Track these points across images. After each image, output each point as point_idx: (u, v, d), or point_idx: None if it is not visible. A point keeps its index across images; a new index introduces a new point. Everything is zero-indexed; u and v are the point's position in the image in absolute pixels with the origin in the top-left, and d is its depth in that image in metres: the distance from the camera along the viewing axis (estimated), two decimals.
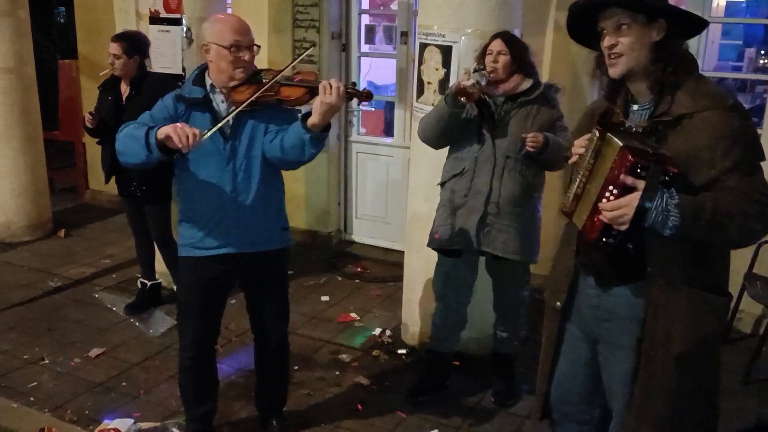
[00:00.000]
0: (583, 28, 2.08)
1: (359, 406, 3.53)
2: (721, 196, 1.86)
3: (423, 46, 3.76)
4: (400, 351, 4.11)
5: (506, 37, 3.24)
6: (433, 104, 3.69)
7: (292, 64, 2.79)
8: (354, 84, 2.61)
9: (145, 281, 4.60)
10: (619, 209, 1.83)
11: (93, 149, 6.69)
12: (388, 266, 5.42)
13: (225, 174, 2.74)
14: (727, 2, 7.04)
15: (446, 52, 3.65)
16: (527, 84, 3.24)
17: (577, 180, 2.01)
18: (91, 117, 4.16)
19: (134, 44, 4.19)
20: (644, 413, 2.07)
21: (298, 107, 2.72)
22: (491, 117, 3.24)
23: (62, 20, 10.33)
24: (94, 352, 4.04)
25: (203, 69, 2.79)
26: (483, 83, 3.05)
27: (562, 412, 2.43)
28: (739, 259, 4.17)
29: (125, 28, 6.35)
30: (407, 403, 3.56)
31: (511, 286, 3.48)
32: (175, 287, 4.49)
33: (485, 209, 3.24)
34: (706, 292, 1.99)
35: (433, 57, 3.71)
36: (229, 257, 2.84)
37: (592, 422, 2.38)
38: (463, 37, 3.58)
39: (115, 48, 4.13)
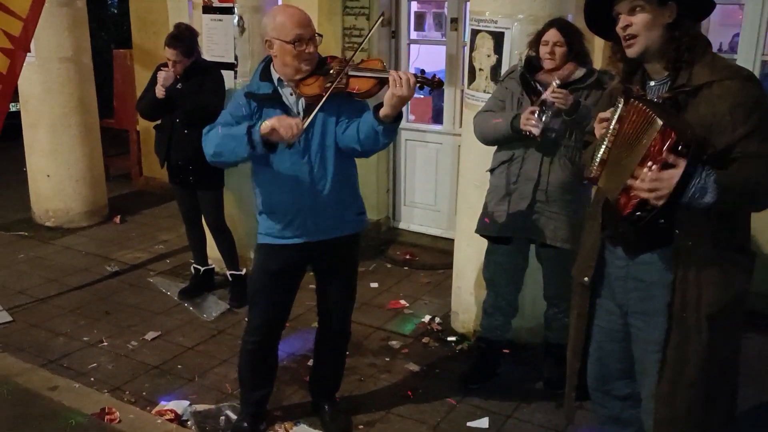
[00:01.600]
0: (599, 19, 2.19)
1: (409, 393, 3.55)
2: (747, 167, 1.97)
3: (474, 33, 3.73)
4: (449, 338, 4.11)
5: (561, 25, 3.19)
6: (485, 91, 3.67)
7: (359, 49, 2.79)
8: (423, 72, 2.61)
9: (199, 267, 4.69)
10: (659, 180, 1.91)
11: (147, 137, 6.84)
12: (437, 254, 5.41)
13: (301, 166, 2.78)
14: None
15: (498, 38, 3.61)
16: (580, 72, 3.19)
17: (603, 146, 2.10)
18: (166, 74, 4.12)
19: (188, 44, 4.19)
20: (679, 377, 2.11)
21: (368, 98, 2.74)
22: (542, 104, 3.20)
23: (116, 10, 10.56)
24: (150, 335, 4.14)
25: (268, 63, 2.81)
26: (548, 118, 3.04)
27: (603, 390, 2.46)
28: None
29: (178, 17, 6.50)
30: (458, 390, 3.56)
31: (561, 274, 3.43)
32: (228, 273, 4.58)
33: (534, 196, 3.22)
34: (733, 252, 2.09)
35: (485, 43, 3.67)
36: (307, 245, 2.90)
37: (634, 397, 2.42)
38: (515, 23, 3.54)
39: (173, 54, 4.14)
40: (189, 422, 3.31)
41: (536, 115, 3.03)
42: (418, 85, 2.54)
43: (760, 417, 3.35)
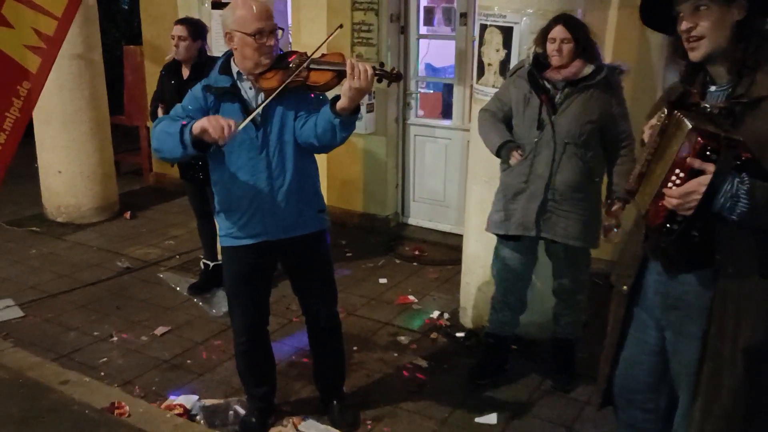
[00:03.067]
0: (655, 12, 2.03)
1: (421, 375, 3.55)
2: None
3: (483, 27, 3.72)
4: (458, 334, 4.11)
5: (567, 21, 3.15)
6: (493, 86, 3.67)
7: (319, 47, 2.67)
8: (382, 64, 2.55)
9: (208, 262, 4.71)
10: (686, 192, 1.79)
11: None
12: (446, 249, 5.40)
13: (259, 162, 2.74)
14: None
15: (507, 33, 3.60)
16: (589, 69, 3.16)
17: (642, 158, 1.98)
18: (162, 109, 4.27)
19: (198, 29, 4.30)
20: (710, 407, 2.01)
21: (327, 91, 2.69)
22: (551, 102, 3.19)
23: (126, 6, 10.58)
24: (160, 330, 4.17)
25: (228, 56, 2.76)
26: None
27: (626, 398, 2.37)
28: None
29: (188, 13, 6.50)
30: (466, 385, 3.56)
31: (570, 271, 3.43)
32: None
33: (545, 195, 3.21)
34: None
35: (494, 38, 3.66)
36: (267, 244, 2.86)
37: (657, 411, 2.32)
38: (524, 18, 3.53)
39: (180, 30, 4.22)
40: (198, 417, 3.33)
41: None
42: (376, 77, 2.49)
43: None
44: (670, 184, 1.83)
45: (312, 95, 2.74)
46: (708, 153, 1.75)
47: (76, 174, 5.97)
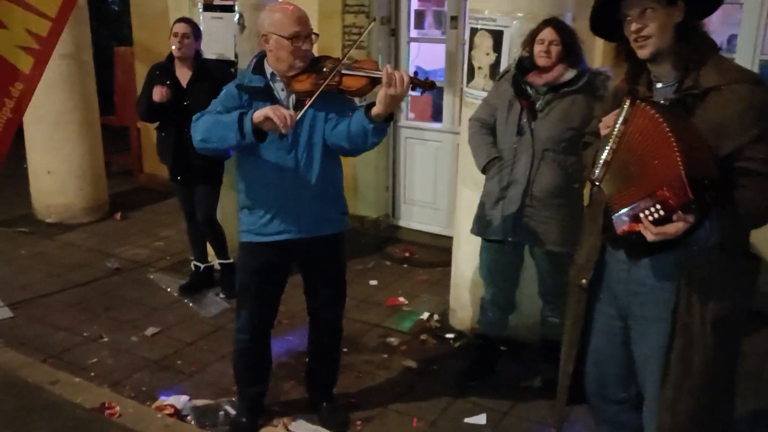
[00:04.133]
0: (603, 21, 2.16)
1: (411, 377, 3.57)
2: (750, 192, 1.96)
3: (474, 31, 3.75)
4: (448, 335, 4.14)
5: (557, 24, 3.18)
6: (483, 89, 3.70)
7: (350, 52, 2.77)
8: (416, 73, 2.62)
9: (199, 264, 4.72)
10: (662, 234, 1.91)
11: (148, 134, 6.87)
12: (436, 251, 5.43)
13: (287, 162, 2.79)
14: None
15: (497, 36, 3.63)
16: (570, 74, 3.17)
17: (607, 147, 2.07)
18: (164, 90, 4.16)
19: (197, 28, 4.32)
20: (682, 383, 2.09)
21: (360, 96, 2.75)
22: (531, 108, 3.22)
23: (116, 7, 10.55)
24: (150, 331, 4.17)
25: (262, 57, 2.83)
26: None
27: (599, 394, 2.45)
28: None
29: (179, 15, 6.50)
30: (455, 387, 3.59)
31: (554, 274, 3.45)
32: (217, 262, 4.67)
33: (522, 201, 3.24)
34: (739, 256, 2.08)
35: (484, 42, 3.69)
36: (288, 243, 2.90)
37: (630, 401, 2.41)
38: (514, 22, 3.56)
39: (184, 28, 4.23)
40: (188, 417, 3.34)
41: None
42: (410, 85, 2.54)
43: (758, 416, 3.37)
44: (647, 213, 1.93)
45: (345, 100, 2.79)
46: (692, 207, 1.85)
47: (66, 174, 5.96)
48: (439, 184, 5.70)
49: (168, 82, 4.27)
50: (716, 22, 5.03)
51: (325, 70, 2.69)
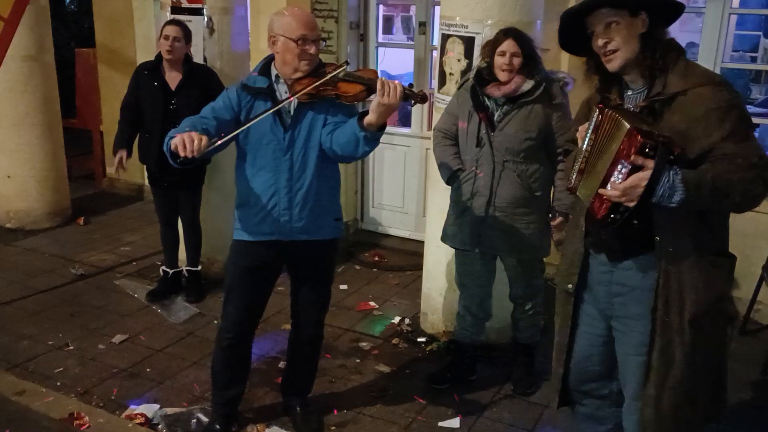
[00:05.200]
0: (570, 37, 2.24)
1: (384, 381, 3.57)
2: (720, 166, 2.00)
3: (445, 37, 3.78)
4: (419, 339, 4.15)
5: (517, 35, 3.20)
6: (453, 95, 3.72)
7: (343, 68, 2.74)
8: (411, 85, 2.67)
9: (168, 270, 4.65)
10: (630, 187, 1.96)
11: (110, 137, 6.71)
12: (406, 255, 5.45)
13: (282, 163, 2.81)
14: None
15: (469, 43, 3.67)
16: (528, 85, 3.20)
17: (581, 156, 2.15)
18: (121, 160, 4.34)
19: (188, 31, 4.25)
20: (664, 380, 2.17)
21: (355, 103, 2.79)
22: (490, 120, 3.26)
23: (74, 7, 10.35)
24: (118, 338, 4.10)
25: (269, 60, 2.87)
26: None
27: (582, 390, 2.53)
28: (758, 251, 4.22)
29: (145, 16, 6.45)
30: (428, 390, 3.60)
31: (523, 278, 3.50)
32: (185, 269, 4.63)
33: (487, 212, 3.28)
34: (713, 256, 2.15)
35: (456, 48, 3.72)
36: (280, 244, 2.92)
37: (611, 396, 2.51)
38: (486, 28, 3.59)
39: (176, 31, 4.16)
40: (159, 426, 3.28)
41: None
42: (403, 96, 2.57)
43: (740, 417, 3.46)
44: (612, 179, 2.01)
45: (343, 106, 2.81)
46: (647, 150, 1.94)
47: (27, 178, 5.83)
48: (408, 189, 5.72)
49: (156, 83, 4.22)
50: (675, 30, 5.15)
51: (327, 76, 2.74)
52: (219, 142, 2.59)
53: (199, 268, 4.65)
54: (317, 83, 2.68)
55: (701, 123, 2.02)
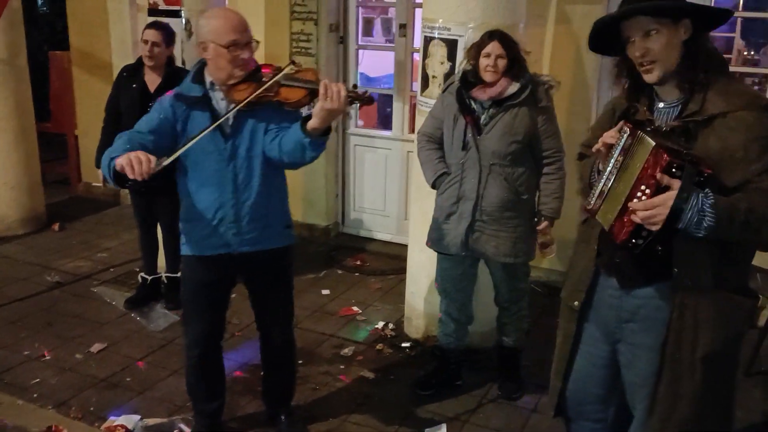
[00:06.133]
0: (602, 38, 2.06)
1: (368, 387, 3.54)
2: (756, 198, 1.83)
3: (427, 40, 3.75)
4: (403, 344, 4.12)
5: (502, 37, 3.18)
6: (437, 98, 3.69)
7: (283, 72, 2.62)
8: (355, 86, 2.57)
9: (146, 276, 4.57)
10: (653, 208, 1.80)
11: (86, 141, 6.64)
12: (388, 259, 5.42)
13: (226, 173, 2.70)
14: None
15: (451, 45, 3.64)
16: (514, 88, 3.18)
17: (604, 177, 1.99)
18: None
19: (170, 34, 4.16)
20: (670, 415, 2.05)
21: (298, 108, 2.69)
22: (476, 123, 3.24)
23: (47, 9, 10.17)
24: (96, 347, 4.01)
25: (202, 65, 2.73)
26: None
27: (577, 410, 2.43)
28: None
29: (120, 19, 6.34)
30: (413, 396, 3.57)
31: (509, 282, 3.48)
32: (164, 275, 4.56)
33: (473, 216, 3.26)
34: (733, 293, 1.97)
35: (438, 51, 3.70)
36: (231, 256, 2.82)
37: (605, 420, 2.39)
38: (468, 31, 3.57)
39: (155, 35, 4.07)
40: None
41: None
42: (348, 99, 2.47)
43: None
44: (635, 200, 1.84)
45: (285, 112, 2.70)
46: (674, 170, 1.77)
47: (1, 184, 5.70)
48: (390, 192, 5.69)
49: (134, 86, 4.14)
50: None
51: (265, 79, 2.62)
52: (167, 161, 2.43)
53: (179, 274, 4.54)
54: (257, 92, 2.54)
55: (740, 152, 1.84)
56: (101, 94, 4.35)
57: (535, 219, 3.35)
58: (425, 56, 3.78)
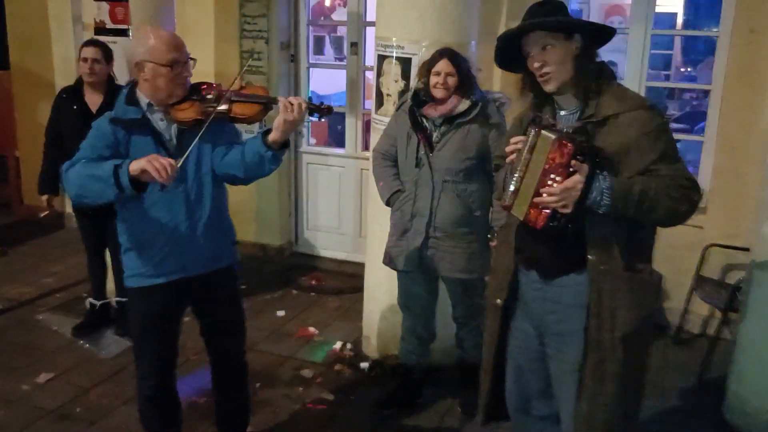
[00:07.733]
0: (507, 55, 2.29)
1: (329, 409, 3.48)
2: (649, 181, 2.07)
3: (381, 58, 3.76)
4: (362, 364, 4.08)
5: (451, 55, 3.20)
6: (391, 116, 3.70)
7: (236, 80, 2.66)
8: (310, 99, 2.59)
9: (95, 301, 4.43)
10: (565, 190, 2.03)
11: (28, 163, 6.44)
12: (344, 277, 5.38)
13: (176, 196, 2.63)
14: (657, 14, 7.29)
15: (406, 63, 3.66)
16: (464, 105, 3.21)
17: (515, 176, 2.17)
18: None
19: (109, 51, 4.06)
20: (596, 397, 2.20)
21: (252, 123, 2.68)
22: (428, 141, 3.25)
23: None
24: (44, 377, 3.86)
25: (133, 86, 2.64)
26: None
27: (522, 408, 2.53)
28: (687, 262, 4.35)
29: (64, 38, 6.18)
30: (375, 416, 3.54)
31: (465, 298, 3.49)
32: (114, 300, 4.43)
33: (427, 232, 3.27)
34: (642, 273, 2.20)
35: (392, 69, 3.71)
36: (184, 281, 2.74)
37: (552, 417, 2.50)
38: (422, 49, 3.59)
39: (94, 53, 3.97)
40: None
41: None
42: (308, 111, 2.50)
43: (656, 423, 3.53)
44: (547, 188, 2.07)
45: (230, 127, 2.69)
46: (578, 156, 2.03)
47: None
48: (344, 210, 5.66)
49: (75, 107, 4.02)
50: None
51: (209, 97, 2.59)
52: (180, 162, 2.42)
53: None
54: (212, 115, 2.50)
55: (634, 145, 2.09)
56: (43, 114, 4.22)
57: (488, 235, 3.37)
58: (379, 74, 3.79)
